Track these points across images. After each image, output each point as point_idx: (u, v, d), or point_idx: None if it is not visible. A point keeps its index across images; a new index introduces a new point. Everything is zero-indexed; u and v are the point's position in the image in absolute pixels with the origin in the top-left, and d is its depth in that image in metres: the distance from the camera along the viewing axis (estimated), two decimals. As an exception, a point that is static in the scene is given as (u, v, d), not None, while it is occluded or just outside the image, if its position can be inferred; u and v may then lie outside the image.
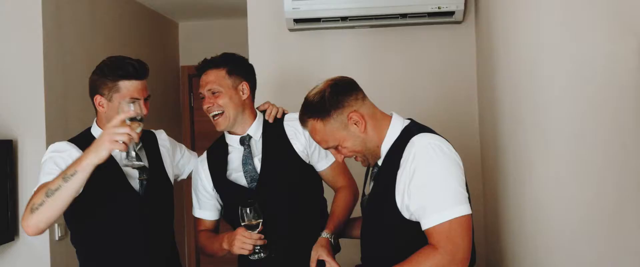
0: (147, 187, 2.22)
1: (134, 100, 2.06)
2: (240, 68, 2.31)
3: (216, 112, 2.26)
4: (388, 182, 1.84)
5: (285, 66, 3.44)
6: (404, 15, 3.17)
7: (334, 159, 2.35)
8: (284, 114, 2.41)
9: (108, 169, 2.09)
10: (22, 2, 3.19)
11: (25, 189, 3.16)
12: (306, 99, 1.93)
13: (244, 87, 2.30)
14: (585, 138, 1.86)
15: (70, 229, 2.27)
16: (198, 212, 2.41)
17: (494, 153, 2.82)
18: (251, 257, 2.18)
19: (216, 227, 2.45)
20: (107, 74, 2.12)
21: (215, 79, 2.26)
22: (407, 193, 1.78)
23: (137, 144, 2.09)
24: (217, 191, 2.36)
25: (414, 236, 1.81)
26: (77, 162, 1.92)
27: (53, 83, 3.23)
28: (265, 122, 2.36)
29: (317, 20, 3.22)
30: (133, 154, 1.97)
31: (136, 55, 4.46)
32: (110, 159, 2.08)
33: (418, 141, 1.81)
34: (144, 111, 2.11)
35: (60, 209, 1.93)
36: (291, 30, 3.33)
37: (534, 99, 2.12)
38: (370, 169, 2.01)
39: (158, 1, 4.70)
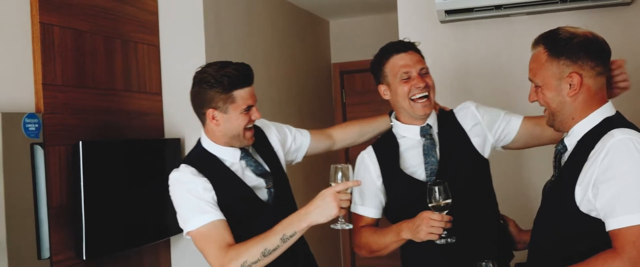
0: (275, 193, 2.14)
1: (339, 165, 1.95)
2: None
3: (426, 94, 2.18)
4: (573, 171, 1.72)
5: (437, 59, 3.36)
6: (564, 0, 2.98)
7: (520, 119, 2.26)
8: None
9: (236, 189, 2.08)
10: (185, 10, 3.42)
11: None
12: (558, 28, 1.82)
13: None
14: None
15: None
16: (360, 209, 2.29)
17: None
18: (438, 242, 2.03)
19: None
20: (215, 85, 2.00)
21: (422, 59, 2.23)
22: (594, 187, 1.65)
23: (252, 148, 2.13)
24: (386, 185, 2.27)
25: (587, 233, 1.69)
26: (295, 222, 1.91)
27: (215, 84, 3.43)
28: (436, 115, 2.30)
29: (470, 10, 3.11)
30: (342, 219, 1.98)
31: (289, 54, 4.65)
32: (236, 177, 2.09)
33: (617, 134, 1.66)
34: (259, 115, 2.09)
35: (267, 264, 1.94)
36: (443, 22, 3.26)
37: None
38: (556, 153, 1.88)
39: (309, 0, 4.81)
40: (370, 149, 2.33)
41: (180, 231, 3.29)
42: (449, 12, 3.14)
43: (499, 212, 2.31)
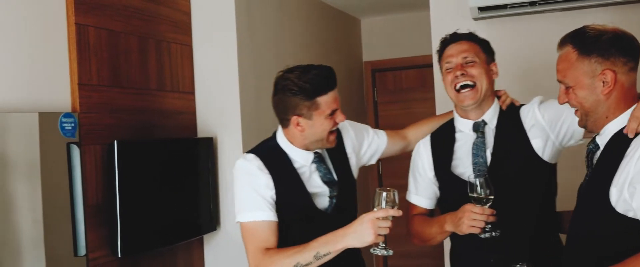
0: (337, 203, 2.09)
1: (384, 190, 1.86)
2: (490, 49, 2.21)
3: (466, 83, 2.10)
4: (607, 170, 1.68)
5: (469, 57, 3.33)
6: (600, -4, 2.92)
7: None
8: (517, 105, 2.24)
9: (296, 193, 2.05)
10: (217, 10, 3.44)
11: (225, 182, 3.41)
12: (584, 26, 1.79)
13: (494, 67, 2.19)
14: None
15: None
16: (414, 198, 2.28)
17: None
18: (481, 236, 1.97)
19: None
20: (298, 92, 1.96)
21: (471, 49, 2.14)
22: (630, 187, 1.61)
23: (325, 152, 2.09)
24: (438, 179, 2.24)
25: (624, 233, 1.65)
26: (331, 241, 1.87)
27: (246, 84, 3.45)
28: (500, 110, 2.20)
29: (503, 6, 3.07)
30: (383, 244, 1.89)
31: (321, 53, 4.65)
32: (299, 181, 2.05)
33: None
34: (343, 118, 2.04)
35: None
36: (476, 19, 3.22)
37: None
38: (588, 152, 1.84)
39: (341, -1, 4.81)
40: (427, 139, 2.29)
41: (214, 229, 3.35)
42: (482, 8, 3.10)
43: (555, 218, 2.20)
